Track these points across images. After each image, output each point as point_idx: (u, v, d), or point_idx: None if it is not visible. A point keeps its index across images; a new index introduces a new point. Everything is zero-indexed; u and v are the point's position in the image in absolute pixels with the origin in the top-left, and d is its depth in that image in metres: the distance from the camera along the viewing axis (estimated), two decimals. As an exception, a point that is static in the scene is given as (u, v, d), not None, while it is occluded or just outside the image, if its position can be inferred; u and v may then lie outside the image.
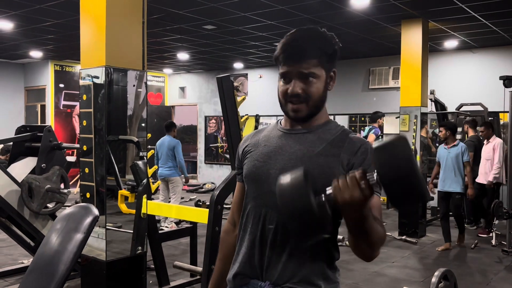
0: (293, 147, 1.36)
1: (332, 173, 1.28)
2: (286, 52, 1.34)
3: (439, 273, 3.57)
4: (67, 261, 1.97)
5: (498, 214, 5.76)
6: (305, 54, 1.32)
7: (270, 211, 1.35)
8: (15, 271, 4.80)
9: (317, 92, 1.35)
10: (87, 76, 3.37)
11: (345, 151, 1.33)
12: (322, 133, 1.37)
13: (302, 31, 1.37)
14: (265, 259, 1.35)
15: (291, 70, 1.33)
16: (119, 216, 3.52)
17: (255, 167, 1.41)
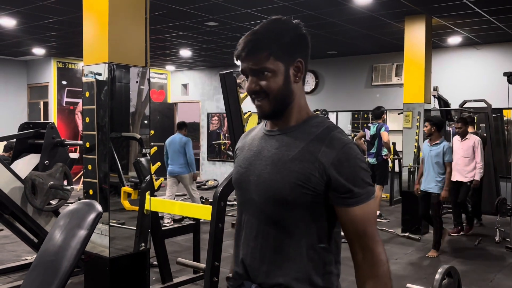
0: (270, 150, 1.31)
1: (308, 178, 1.23)
2: (237, 49, 1.28)
3: (443, 269, 3.55)
4: (70, 257, 1.97)
5: (502, 211, 5.74)
6: (254, 49, 1.25)
7: (251, 218, 1.34)
8: (19, 268, 4.82)
9: (276, 86, 1.26)
10: (90, 73, 3.36)
11: (324, 154, 1.23)
12: (301, 132, 1.29)
13: (259, 26, 1.29)
14: (248, 266, 1.34)
15: (244, 67, 1.28)
16: (122, 213, 3.53)
17: (238, 173, 1.39)
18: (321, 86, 10.65)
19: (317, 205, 1.25)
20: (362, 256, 1.27)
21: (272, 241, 1.29)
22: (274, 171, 1.27)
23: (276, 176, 1.26)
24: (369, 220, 1.26)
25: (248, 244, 1.34)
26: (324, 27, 7.41)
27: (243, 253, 1.36)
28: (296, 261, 1.27)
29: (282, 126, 1.33)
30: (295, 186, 1.23)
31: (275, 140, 1.32)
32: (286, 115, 1.32)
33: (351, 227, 1.25)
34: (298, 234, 1.27)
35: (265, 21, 1.31)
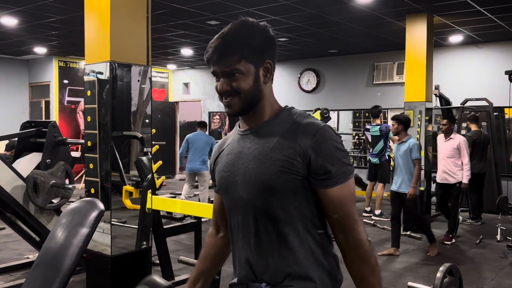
0: (250, 147, 1.35)
1: (291, 164, 1.28)
2: (208, 52, 1.32)
3: (444, 268, 3.55)
4: (72, 255, 1.98)
5: (503, 209, 5.74)
6: (225, 52, 1.29)
7: (246, 216, 1.36)
8: (21, 266, 4.83)
9: (246, 86, 1.31)
10: (91, 72, 3.37)
11: (301, 138, 1.29)
12: (275, 125, 1.34)
13: (228, 29, 1.33)
14: (253, 266, 1.35)
15: (215, 69, 1.33)
16: (124, 212, 3.53)
17: (223, 178, 1.41)
18: (322, 85, 10.65)
19: (304, 190, 1.30)
20: (343, 238, 1.31)
21: (271, 233, 1.32)
22: (258, 164, 1.31)
23: (261, 169, 1.30)
24: (348, 201, 1.31)
25: (249, 243, 1.36)
26: (325, 25, 7.40)
27: (246, 253, 1.37)
28: (298, 248, 1.31)
29: (256, 123, 1.37)
30: (281, 173, 1.27)
31: (253, 136, 1.36)
32: (259, 113, 1.36)
33: (331, 208, 1.30)
34: (293, 221, 1.31)
35: (234, 24, 1.34)
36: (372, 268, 1.31)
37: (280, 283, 1.32)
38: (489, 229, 6.62)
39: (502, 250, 5.65)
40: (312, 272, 1.32)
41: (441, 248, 5.78)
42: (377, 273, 1.32)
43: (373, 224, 6.99)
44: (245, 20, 1.35)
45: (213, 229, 1.60)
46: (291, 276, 1.31)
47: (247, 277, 1.37)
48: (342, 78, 10.38)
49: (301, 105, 10.81)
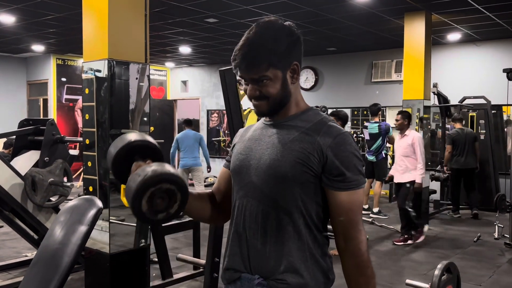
0: (270, 136, 1.38)
1: (307, 157, 1.30)
2: (235, 61, 1.34)
3: (442, 265, 3.56)
4: (71, 253, 1.98)
5: (501, 207, 5.76)
6: (253, 60, 1.31)
7: (251, 200, 1.37)
8: (19, 264, 4.83)
9: (274, 91, 1.34)
10: (89, 70, 3.36)
11: (322, 137, 1.31)
12: (300, 121, 1.37)
13: (253, 33, 1.33)
14: (250, 249, 1.36)
15: (244, 76, 1.36)
16: (122, 210, 3.52)
17: (238, 160, 1.43)
18: (320, 83, 10.66)
19: (314, 187, 1.32)
20: (344, 245, 1.33)
21: (272, 220, 1.33)
22: (275, 151, 1.33)
23: (277, 156, 1.32)
24: (355, 208, 1.32)
25: (250, 228, 1.37)
26: (323, 23, 7.40)
27: (245, 237, 1.38)
28: (296, 240, 1.32)
29: (281, 117, 1.40)
30: (295, 163, 1.29)
31: (275, 127, 1.39)
32: (285, 109, 1.39)
33: (337, 213, 1.32)
34: (296, 213, 1.32)
35: (259, 27, 1.34)
36: (367, 280, 1.33)
37: (272, 276, 1.32)
38: (487, 227, 6.64)
39: (500, 248, 5.67)
40: (306, 266, 1.33)
41: (438, 246, 5.80)
42: (372, 285, 1.34)
43: (371, 222, 7.02)
44: (270, 23, 1.36)
45: (214, 189, 1.59)
46: (284, 268, 1.31)
47: (241, 264, 1.38)
48: (340, 76, 10.38)
49: (300, 103, 10.81)
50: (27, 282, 1.98)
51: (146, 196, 1.22)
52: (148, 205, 1.23)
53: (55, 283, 1.89)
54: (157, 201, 1.24)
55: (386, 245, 5.86)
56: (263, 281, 1.34)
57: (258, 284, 1.34)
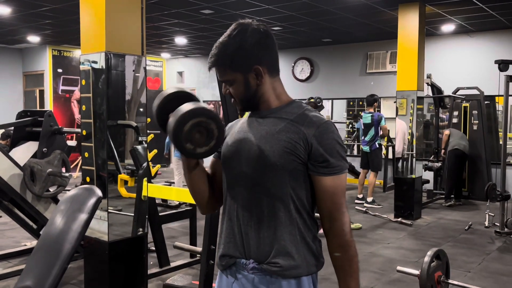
0: (257, 128, 1.46)
1: (294, 147, 1.38)
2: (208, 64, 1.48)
3: (432, 252, 3.67)
4: (72, 239, 2.06)
5: (491, 196, 5.87)
6: (215, 64, 1.45)
7: (243, 189, 1.45)
8: (18, 253, 4.91)
9: (238, 92, 1.45)
10: (87, 62, 3.42)
11: (306, 127, 1.40)
12: (284, 113, 1.45)
13: (223, 37, 1.46)
14: (244, 236, 1.44)
15: (218, 75, 1.49)
16: (119, 200, 3.60)
17: (228, 151, 1.51)
18: (316, 74, 10.71)
19: (302, 174, 1.40)
20: (329, 225, 1.42)
21: (264, 207, 1.42)
22: (263, 142, 1.41)
23: (265, 146, 1.40)
24: (339, 192, 1.41)
25: (243, 215, 1.45)
26: (318, 14, 7.45)
27: (239, 224, 1.45)
28: (288, 225, 1.41)
29: (265, 109, 1.48)
30: (284, 153, 1.38)
31: (262, 119, 1.47)
32: (265, 104, 1.48)
33: (322, 196, 1.41)
34: (286, 199, 1.41)
35: (230, 31, 1.45)
36: (350, 258, 1.42)
37: (266, 260, 1.41)
38: (479, 216, 6.77)
39: (490, 236, 5.79)
40: (297, 249, 1.41)
41: (430, 234, 5.92)
42: (354, 263, 1.43)
43: (365, 211, 7.13)
44: (240, 27, 1.45)
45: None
46: (277, 252, 1.40)
47: (236, 250, 1.46)
48: (335, 67, 10.43)
49: (295, 94, 10.84)
50: (30, 268, 2.06)
51: (187, 127, 1.33)
52: (188, 138, 1.35)
53: (57, 268, 1.98)
54: (196, 136, 1.36)
55: (379, 234, 5.97)
56: (257, 265, 1.42)
57: (252, 268, 1.43)
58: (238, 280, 1.46)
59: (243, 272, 1.45)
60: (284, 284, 1.40)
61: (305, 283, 1.42)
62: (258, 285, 1.42)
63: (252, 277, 1.43)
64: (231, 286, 1.48)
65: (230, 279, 1.49)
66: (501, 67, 5.90)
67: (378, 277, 4.38)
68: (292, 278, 1.40)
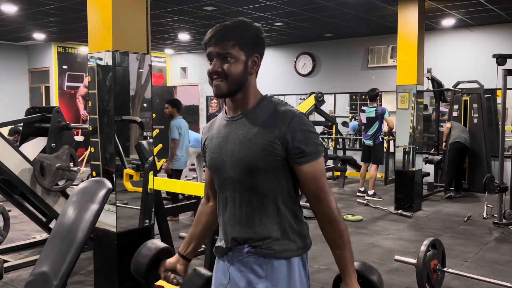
0: (236, 133, 1.55)
1: (272, 147, 1.49)
2: (208, 36, 1.53)
3: (428, 242, 3.80)
4: (85, 228, 2.20)
5: (489, 188, 5.99)
6: (223, 36, 1.50)
7: (232, 192, 1.58)
8: (29, 245, 5.07)
9: (235, 71, 1.51)
10: (94, 60, 3.55)
11: (280, 124, 1.49)
12: (258, 113, 1.54)
13: (228, 22, 1.54)
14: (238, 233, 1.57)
15: (211, 51, 1.53)
16: (125, 194, 3.73)
17: (213, 159, 1.62)
18: (318, 69, 10.81)
19: (283, 169, 1.53)
20: (317, 207, 1.55)
21: (254, 205, 1.55)
22: (243, 147, 1.52)
23: (246, 151, 1.52)
24: (319, 175, 1.53)
25: (235, 214, 1.58)
26: (319, 10, 7.54)
27: (232, 222, 1.59)
28: (276, 217, 1.55)
29: (241, 110, 1.58)
30: (264, 155, 1.50)
31: (238, 123, 1.56)
32: (244, 100, 1.57)
33: (306, 182, 1.54)
34: (272, 194, 1.54)
35: (232, 20, 1.56)
36: (340, 232, 1.55)
37: (259, 246, 1.55)
38: (478, 208, 6.88)
39: (488, 227, 5.91)
40: (287, 235, 1.55)
41: (429, 226, 6.04)
42: (345, 236, 1.56)
43: (366, 204, 7.26)
44: (242, 19, 1.57)
45: (205, 199, 1.84)
46: (270, 239, 1.54)
47: (231, 241, 1.60)
48: (337, 62, 10.53)
49: (297, 89, 10.99)
50: (47, 254, 2.20)
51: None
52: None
53: (71, 255, 2.12)
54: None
55: (379, 225, 6.10)
56: (251, 249, 1.56)
57: (247, 252, 1.56)
58: (234, 264, 1.60)
59: (239, 257, 1.58)
60: (276, 263, 1.54)
61: (295, 263, 1.56)
62: (253, 265, 1.56)
63: (247, 260, 1.57)
64: (228, 270, 1.61)
65: (227, 264, 1.62)
66: (499, 61, 5.99)
67: (377, 266, 4.47)
68: (283, 259, 1.54)
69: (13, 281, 4.12)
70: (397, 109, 7.15)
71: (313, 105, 7.00)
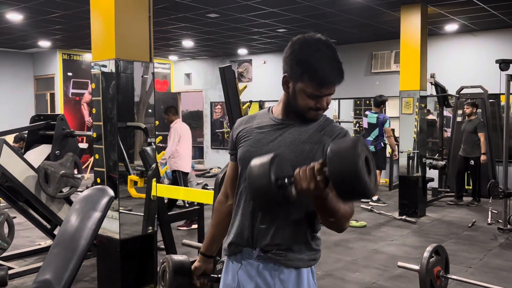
0: (283, 135, 1.56)
1: (315, 155, 1.50)
2: (332, 74, 1.49)
3: (431, 248, 3.79)
4: (87, 236, 2.21)
5: (494, 193, 5.97)
6: (342, 77, 1.51)
7: None
8: (33, 252, 5.10)
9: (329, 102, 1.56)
10: (98, 68, 3.59)
11: (326, 136, 1.53)
12: (310, 123, 1.57)
13: (333, 51, 1.51)
14: (255, 230, 1.56)
15: (328, 90, 1.50)
16: (129, 200, 3.76)
17: (248, 151, 1.59)
18: (321, 74, 10.80)
19: None
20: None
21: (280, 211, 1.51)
22: (288, 151, 1.52)
23: (290, 155, 1.50)
24: None
25: (258, 213, 1.55)
26: (322, 16, 7.57)
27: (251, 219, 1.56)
28: (295, 224, 1.54)
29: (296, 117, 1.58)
30: (306, 161, 1.46)
31: (288, 127, 1.57)
32: None
33: None
34: (300, 205, 1.51)
35: (328, 44, 1.51)
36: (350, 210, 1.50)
37: (271, 251, 1.54)
38: (483, 213, 6.85)
39: (493, 233, 5.89)
40: (301, 247, 1.55)
41: (434, 232, 6.03)
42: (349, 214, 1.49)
43: (370, 209, 7.25)
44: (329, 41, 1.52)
45: (223, 196, 1.77)
46: (283, 246, 1.54)
47: (244, 240, 1.58)
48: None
49: (301, 94, 10.99)
50: (50, 262, 2.22)
51: None
52: None
53: (74, 262, 2.13)
54: None
55: (383, 231, 6.09)
56: (263, 253, 1.55)
57: (257, 256, 1.56)
58: (243, 266, 1.59)
59: (249, 260, 1.57)
60: (286, 271, 1.54)
61: (304, 274, 1.56)
62: (262, 271, 1.55)
63: (257, 264, 1.56)
64: (237, 272, 1.61)
65: (236, 266, 1.61)
66: (502, 67, 5.99)
67: (380, 273, 4.50)
68: (293, 268, 1.54)
69: (17, 288, 4.15)
70: (401, 114, 7.15)
71: (317, 110, 7.00)
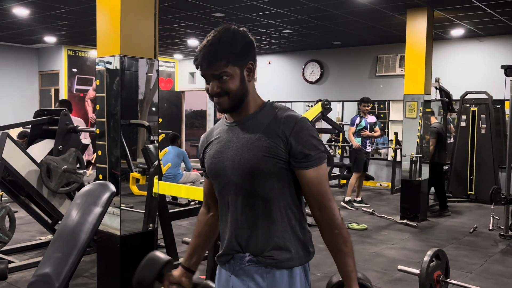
0: (238, 137, 1.55)
1: (275, 150, 1.49)
2: (197, 60, 1.51)
3: (431, 252, 3.77)
4: (87, 231, 2.21)
5: (496, 199, 5.94)
6: (213, 58, 1.48)
7: (234, 196, 1.56)
8: (34, 246, 5.12)
9: (234, 86, 1.50)
10: (102, 64, 3.59)
11: (283, 128, 1.49)
12: (260, 118, 1.54)
13: (212, 37, 1.51)
14: (239, 238, 1.56)
15: (205, 73, 1.52)
16: (131, 197, 3.76)
17: (213, 163, 1.60)
18: (326, 76, 10.81)
19: (286, 173, 1.52)
20: (319, 214, 1.53)
21: (256, 210, 1.54)
22: (246, 151, 1.51)
23: (249, 155, 1.51)
24: (322, 181, 1.52)
25: (237, 219, 1.57)
26: (328, 18, 7.56)
27: (234, 227, 1.57)
28: (280, 222, 1.53)
29: (242, 116, 1.57)
30: (267, 158, 1.49)
31: (240, 128, 1.56)
32: (244, 107, 1.56)
33: (308, 188, 1.52)
34: (276, 199, 1.53)
35: (217, 32, 1.53)
36: (344, 239, 1.53)
37: (261, 253, 1.54)
38: (485, 219, 6.82)
39: (494, 239, 5.87)
40: (290, 243, 1.54)
41: (435, 236, 6.01)
42: (348, 243, 1.54)
43: (371, 213, 7.23)
44: (226, 28, 1.55)
45: (205, 208, 1.81)
46: (271, 247, 1.53)
47: (233, 248, 1.58)
48: (345, 70, 10.53)
49: (305, 96, 11.00)
50: (49, 256, 2.22)
51: None
52: None
53: (74, 257, 2.13)
54: None
55: (383, 235, 6.08)
56: (253, 258, 1.55)
57: (249, 261, 1.55)
58: (235, 271, 1.59)
59: (241, 265, 1.57)
60: (277, 273, 1.52)
61: (296, 273, 1.55)
62: (254, 275, 1.54)
63: (249, 269, 1.55)
64: (230, 278, 1.60)
65: (228, 272, 1.61)
66: (507, 72, 5.96)
67: (380, 276, 4.49)
68: (285, 269, 1.53)
69: (17, 282, 4.15)
70: (405, 118, 7.13)
71: (320, 112, 7.01)
